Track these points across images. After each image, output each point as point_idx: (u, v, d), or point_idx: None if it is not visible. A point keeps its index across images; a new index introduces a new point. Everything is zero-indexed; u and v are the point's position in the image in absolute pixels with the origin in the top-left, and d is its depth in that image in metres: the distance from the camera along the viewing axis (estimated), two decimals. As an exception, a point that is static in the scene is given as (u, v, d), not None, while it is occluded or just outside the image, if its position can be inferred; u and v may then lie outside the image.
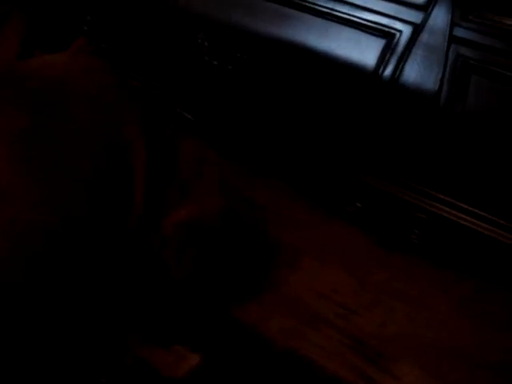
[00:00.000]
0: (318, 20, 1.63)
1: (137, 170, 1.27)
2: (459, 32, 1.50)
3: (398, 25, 1.56)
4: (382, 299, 1.57)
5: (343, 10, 1.61)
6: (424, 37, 1.51)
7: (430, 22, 1.51)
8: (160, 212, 1.33)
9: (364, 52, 1.57)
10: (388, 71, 1.53)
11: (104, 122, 1.24)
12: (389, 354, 1.45)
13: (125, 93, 1.36)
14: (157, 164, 1.32)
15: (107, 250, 1.23)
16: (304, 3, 1.65)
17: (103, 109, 1.26)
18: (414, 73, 1.51)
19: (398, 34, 1.55)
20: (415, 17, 1.55)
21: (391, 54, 1.53)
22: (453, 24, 1.49)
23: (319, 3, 1.64)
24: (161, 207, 1.33)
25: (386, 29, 1.57)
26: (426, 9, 1.53)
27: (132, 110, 1.32)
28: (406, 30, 1.55)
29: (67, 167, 1.16)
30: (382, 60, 1.54)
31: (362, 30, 1.59)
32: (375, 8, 1.59)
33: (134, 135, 1.28)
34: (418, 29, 1.53)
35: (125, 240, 1.26)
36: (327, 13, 1.63)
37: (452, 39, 1.50)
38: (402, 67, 1.51)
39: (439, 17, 1.51)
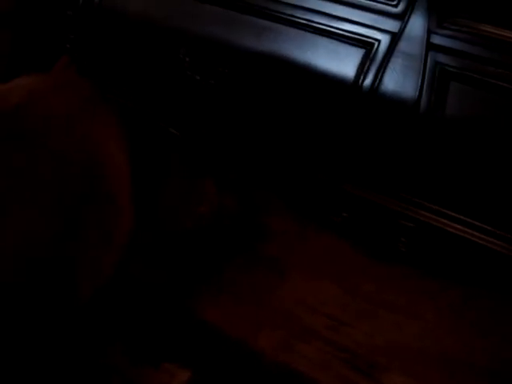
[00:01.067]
0: (297, 32, 1.63)
1: (121, 186, 1.25)
2: (436, 39, 1.50)
3: (376, 34, 1.56)
4: (370, 310, 1.56)
5: (321, 21, 1.61)
6: (402, 45, 1.51)
7: (407, 30, 1.51)
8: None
9: (343, 62, 1.57)
10: (368, 81, 1.53)
11: (75, 142, 1.21)
12: (379, 365, 1.44)
13: (102, 108, 1.34)
14: (144, 178, 1.32)
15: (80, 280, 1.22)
16: (282, 15, 1.65)
17: (74, 128, 1.23)
18: (393, 82, 1.51)
19: (376, 44, 1.55)
20: (393, 26, 1.55)
21: (370, 64, 1.54)
22: (430, 32, 1.49)
23: (297, 15, 1.64)
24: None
25: (365, 38, 1.57)
26: (402, 17, 1.53)
27: (110, 125, 1.30)
28: (384, 39, 1.55)
29: (27, 199, 1.12)
30: (362, 70, 1.54)
31: (340, 41, 1.59)
32: (353, 18, 1.59)
33: (113, 151, 1.26)
34: (395, 38, 1.53)
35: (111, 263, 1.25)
36: (306, 24, 1.63)
37: (430, 47, 1.50)
38: (382, 76, 1.51)
39: (416, 25, 1.51)
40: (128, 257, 1.30)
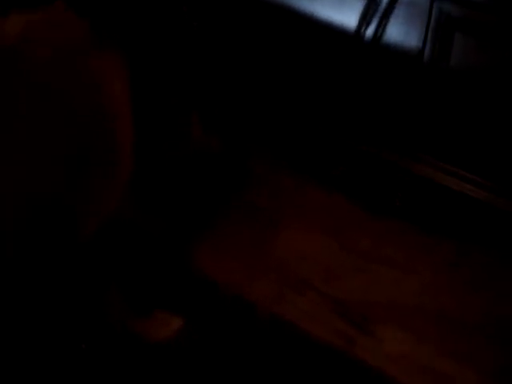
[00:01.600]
0: (301, -22, 1.59)
1: (123, 126, 1.23)
2: (442, -13, 1.46)
3: (380, -19, 1.52)
4: (366, 264, 1.56)
5: (325, -33, 1.57)
6: (407, -6, 1.48)
7: (413, -23, 1.48)
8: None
9: (346, 11, 1.53)
10: (370, 31, 1.50)
11: (78, 82, 1.17)
12: (373, 318, 1.45)
13: (104, 47, 1.29)
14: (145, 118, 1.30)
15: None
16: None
17: (76, 68, 1.19)
18: (396, 31, 1.48)
19: (380, -8, 1.51)
20: (398, -27, 1.51)
21: (374, 13, 1.50)
22: (436, -20, 1.46)
23: (302, -38, 1.60)
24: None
25: (369, -14, 1.53)
26: (408, -36, 1.50)
27: (112, 64, 1.26)
28: (389, -13, 1.51)
29: (24, 144, 1.10)
30: (364, 19, 1.50)
31: (344, -12, 1.55)
32: (358, -35, 1.55)
33: (116, 92, 1.23)
34: (401, -15, 1.50)
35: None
36: (310, -28, 1.59)
37: (435, -5, 1.46)
38: (385, 26, 1.48)
39: (422, -28, 1.47)
40: (128, 196, 1.29)
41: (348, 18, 1.54)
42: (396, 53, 1.48)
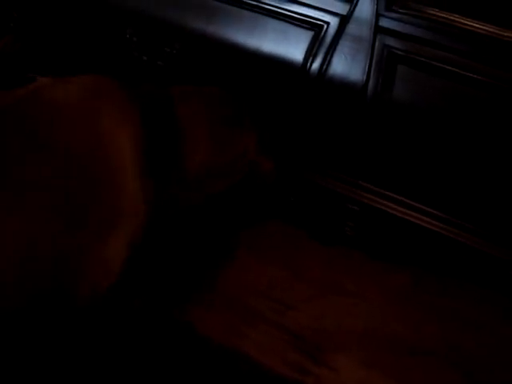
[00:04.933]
0: (246, 13, 1.60)
1: (126, 179, 1.21)
2: (384, 22, 1.49)
3: (325, 16, 1.55)
4: (318, 293, 1.57)
5: (271, 2, 1.59)
6: (351, 28, 1.51)
7: (356, 13, 1.51)
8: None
9: (292, 45, 1.55)
10: (316, 64, 1.52)
11: (81, 135, 1.17)
12: (326, 347, 1.45)
13: (110, 98, 1.26)
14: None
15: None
16: (232, -4, 1.63)
17: (80, 121, 1.19)
18: (341, 65, 1.50)
19: (325, 26, 1.53)
20: (342, 8, 1.54)
21: (319, 47, 1.52)
22: (378, 15, 1.49)
23: (248, -4, 1.62)
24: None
25: (314, 20, 1.55)
26: (351, 0, 1.53)
27: (121, 118, 1.24)
28: (334, 22, 1.54)
29: (26, 200, 1.09)
30: (310, 53, 1.52)
31: (290, 23, 1.57)
32: (303, 0, 1.58)
33: (120, 141, 1.21)
34: (344, 20, 1.52)
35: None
36: (255, 5, 1.60)
37: (378, 30, 1.49)
38: (330, 59, 1.51)
39: (365, 8, 1.50)
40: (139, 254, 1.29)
41: (293, 52, 1.56)
42: (341, 86, 1.50)
